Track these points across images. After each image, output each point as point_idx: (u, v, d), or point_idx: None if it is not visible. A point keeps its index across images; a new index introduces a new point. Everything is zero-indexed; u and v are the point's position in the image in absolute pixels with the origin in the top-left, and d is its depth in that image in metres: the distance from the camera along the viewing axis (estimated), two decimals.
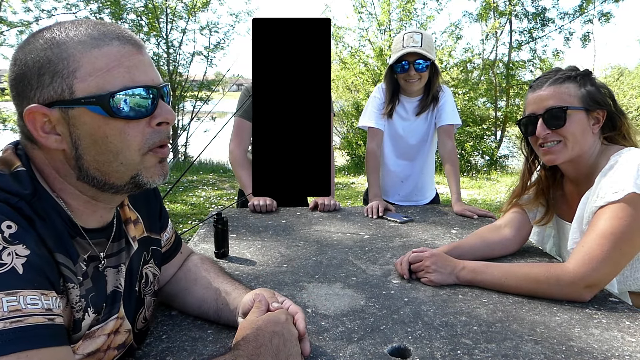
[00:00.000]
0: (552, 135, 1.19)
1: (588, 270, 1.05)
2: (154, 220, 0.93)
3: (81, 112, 0.64)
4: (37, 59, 0.63)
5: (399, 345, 0.90)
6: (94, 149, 0.66)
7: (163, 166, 0.73)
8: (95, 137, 0.65)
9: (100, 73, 0.64)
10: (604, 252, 1.04)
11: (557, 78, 1.20)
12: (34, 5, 9.67)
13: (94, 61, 0.63)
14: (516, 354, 0.86)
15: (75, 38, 0.64)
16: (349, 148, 10.03)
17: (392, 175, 2.26)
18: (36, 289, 0.57)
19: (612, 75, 14.34)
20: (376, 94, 2.21)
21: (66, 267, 0.64)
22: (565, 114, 1.17)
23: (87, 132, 0.65)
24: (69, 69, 0.63)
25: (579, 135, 1.18)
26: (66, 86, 0.63)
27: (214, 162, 9.46)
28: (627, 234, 1.04)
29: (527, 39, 10.75)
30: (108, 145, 0.66)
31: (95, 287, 0.71)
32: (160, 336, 0.93)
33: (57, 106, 0.63)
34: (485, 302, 1.09)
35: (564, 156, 1.20)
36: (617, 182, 1.07)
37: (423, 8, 10.67)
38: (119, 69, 0.65)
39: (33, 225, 0.61)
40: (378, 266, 1.34)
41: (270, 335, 0.74)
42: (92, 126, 0.65)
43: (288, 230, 1.71)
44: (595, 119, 1.20)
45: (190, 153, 10.14)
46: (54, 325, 0.58)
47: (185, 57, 10.48)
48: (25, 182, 0.64)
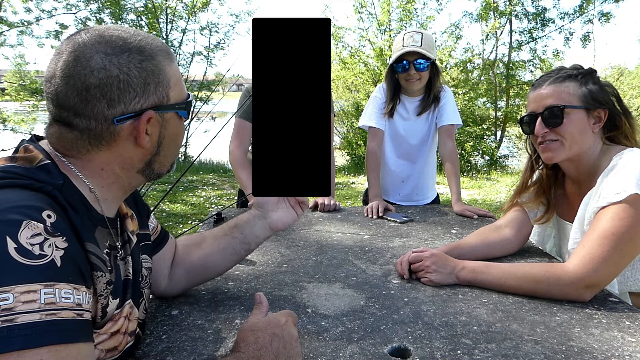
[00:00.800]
0: (550, 133, 1.20)
1: (588, 271, 1.05)
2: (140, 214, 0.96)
3: (172, 116, 0.77)
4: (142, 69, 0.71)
5: (399, 345, 0.90)
6: (168, 145, 0.79)
7: None
8: (173, 136, 0.79)
9: (178, 83, 0.77)
10: (605, 252, 1.04)
11: (558, 77, 1.21)
12: (35, 5, 9.68)
13: (174, 73, 0.77)
14: (516, 354, 0.86)
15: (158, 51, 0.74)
16: (349, 148, 10.03)
17: (392, 175, 2.26)
18: (70, 282, 0.59)
19: (612, 75, 14.32)
20: (377, 93, 2.21)
21: (95, 255, 0.68)
22: (562, 112, 1.17)
23: (171, 132, 0.78)
24: (165, 80, 0.74)
25: (577, 135, 1.18)
26: (165, 94, 0.75)
27: (214, 162, 9.46)
28: (628, 234, 1.04)
29: (527, 39, 10.75)
30: (177, 142, 0.81)
31: (116, 275, 0.75)
32: (160, 336, 0.93)
33: (158, 111, 0.74)
34: (485, 302, 1.09)
35: (561, 155, 1.21)
36: (620, 183, 1.07)
37: (423, 8, 10.68)
38: (182, 80, 0.79)
39: (67, 214, 0.65)
40: (378, 266, 1.34)
41: (270, 337, 0.74)
42: (175, 127, 0.79)
43: (288, 230, 1.71)
44: (596, 118, 1.19)
45: (190, 153, 10.15)
46: (82, 321, 0.60)
47: (186, 57, 10.49)
48: (54, 173, 0.68)
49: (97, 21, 9.64)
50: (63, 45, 0.70)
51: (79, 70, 0.67)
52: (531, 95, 1.25)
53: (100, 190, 0.75)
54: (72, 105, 0.68)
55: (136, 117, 0.72)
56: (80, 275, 0.62)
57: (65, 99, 0.68)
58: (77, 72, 0.67)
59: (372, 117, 2.17)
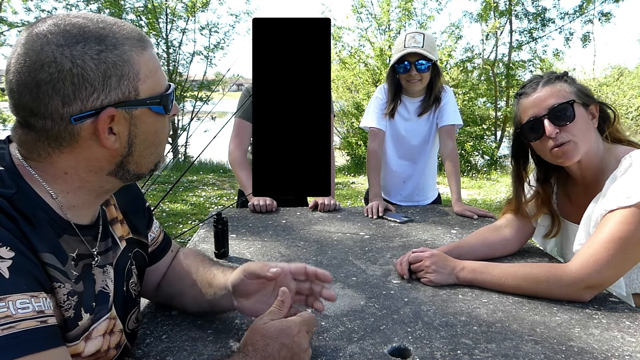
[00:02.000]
0: (562, 134, 1.15)
1: (591, 272, 1.05)
2: (138, 220, 0.92)
3: (143, 112, 0.69)
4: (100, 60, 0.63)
5: (399, 345, 0.90)
6: (143, 145, 0.71)
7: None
8: (148, 134, 0.71)
9: (152, 74, 0.69)
10: (610, 255, 1.04)
11: (547, 80, 1.19)
12: (34, 5, 9.68)
13: (147, 63, 0.68)
14: (516, 354, 0.86)
15: (124, 39, 0.66)
16: (349, 148, 10.03)
17: (394, 175, 2.26)
18: (25, 292, 0.56)
19: (612, 75, 14.33)
20: (378, 94, 2.21)
21: (53, 267, 0.63)
22: (573, 107, 1.14)
23: (144, 130, 0.70)
24: (133, 72, 0.66)
25: (586, 131, 1.16)
26: (132, 88, 0.66)
27: (214, 162, 9.46)
28: (635, 239, 1.03)
29: (527, 39, 10.76)
30: (155, 140, 0.72)
31: (85, 285, 0.69)
32: (160, 336, 0.93)
33: (124, 107, 0.66)
34: (485, 302, 1.09)
35: (578, 154, 1.16)
36: (630, 187, 1.06)
37: (423, 8, 10.68)
38: (160, 70, 0.71)
39: (17, 224, 0.60)
40: (378, 266, 1.34)
41: (280, 347, 0.73)
42: (149, 124, 0.70)
43: (288, 230, 1.71)
44: (592, 114, 1.19)
45: (190, 153, 10.14)
46: (47, 327, 0.57)
47: (185, 57, 10.49)
48: (6, 181, 0.62)
49: None
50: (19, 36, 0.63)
51: (28, 64, 0.60)
52: (526, 102, 1.21)
53: (65, 197, 0.68)
54: (26, 103, 0.62)
55: (96, 115, 0.64)
56: (37, 282, 0.58)
57: (19, 97, 0.62)
58: (27, 66, 0.60)
59: (373, 117, 2.18)
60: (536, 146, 1.23)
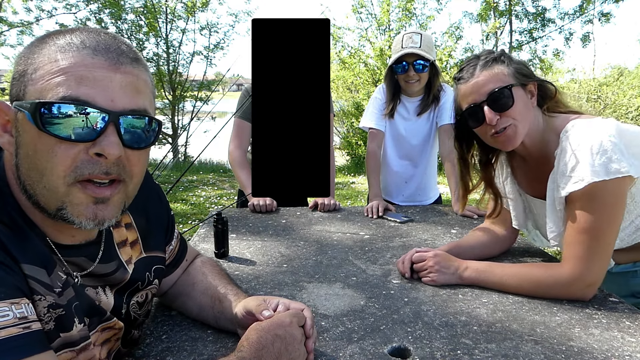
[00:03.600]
0: (502, 119, 1.13)
1: (583, 271, 1.05)
2: (159, 234, 0.89)
3: (23, 118, 0.58)
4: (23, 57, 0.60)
5: (399, 345, 0.90)
6: (26, 161, 0.60)
7: (97, 209, 0.62)
8: (27, 149, 0.59)
9: (49, 77, 0.57)
10: (589, 248, 1.04)
11: (484, 63, 1.16)
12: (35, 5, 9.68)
13: (51, 65, 0.57)
14: (516, 354, 0.86)
15: (58, 41, 0.59)
16: (349, 148, 10.03)
17: (395, 176, 2.26)
18: (4, 300, 0.54)
19: (612, 75, 14.32)
20: (377, 94, 2.21)
21: (34, 279, 0.60)
22: (512, 92, 1.12)
23: (25, 141, 0.59)
24: (31, 69, 0.58)
25: (525, 112, 1.15)
26: (22, 86, 0.59)
27: (214, 162, 9.46)
28: (602, 223, 1.03)
29: (527, 39, 10.77)
30: (35, 162, 0.59)
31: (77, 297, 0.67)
32: (160, 336, 0.93)
33: (15, 105, 0.59)
34: (485, 302, 1.09)
35: (519, 138, 1.15)
36: (575, 171, 1.05)
37: (423, 8, 10.68)
38: (68, 78, 0.57)
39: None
40: (378, 266, 1.34)
41: (273, 338, 0.73)
42: (28, 136, 0.59)
43: (288, 230, 1.71)
44: (530, 92, 1.17)
45: (190, 153, 10.15)
46: (31, 333, 0.55)
47: (185, 57, 10.50)
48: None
49: (97, 21, 9.64)
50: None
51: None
52: (464, 88, 1.18)
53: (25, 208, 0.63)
54: None
55: None
56: (17, 289, 0.57)
57: None
58: None
59: (372, 118, 2.18)
60: (478, 132, 1.22)
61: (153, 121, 0.64)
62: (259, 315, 0.80)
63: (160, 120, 0.67)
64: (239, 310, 0.86)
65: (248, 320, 0.82)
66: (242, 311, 0.84)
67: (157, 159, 9.05)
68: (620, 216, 1.05)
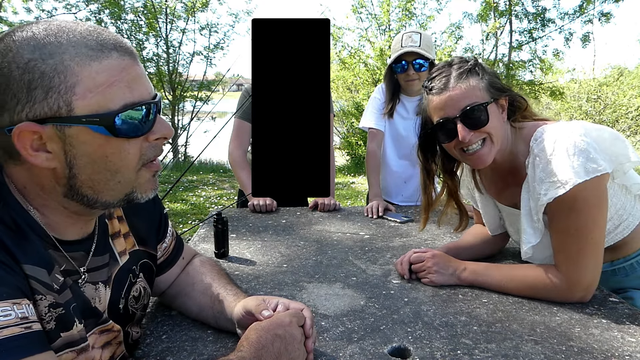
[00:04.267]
0: (475, 135, 1.09)
1: (577, 276, 1.05)
2: (151, 231, 0.91)
3: (80, 131, 0.60)
4: (25, 70, 0.57)
5: (399, 345, 0.90)
6: (90, 168, 0.63)
7: (155, 180, 0.71)
8: (94, 157, 0.62)
9: (101, 89, 0.60)
10: (580, 251, 1.04)
11: (459, 75, 1.10)
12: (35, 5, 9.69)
13: (94, 76, 0.59)
14: (516, 354, 0.86)
15: (70, 48, 0.58)
16: (349, 148, 10.03)
17: (394, 175, 2.26)
18: (6, 299, 0.55)
19: (612, 75, 14.33)
20: (376, 94, 2.22)
21: (35, 279, 0.61)
22: (487, 110, 1.08)
23: (85, 152, 0.61)
24: (67, 84, 0.58)
25: (499, 128, 1.11)
26: (63, 103, 0.58)
27: (214, 162, 9.47)
28: (588, 224, 1.03)
29: (527, 39, 10.76)
30: (107, 165, 0.63)
31: (74, 298, 0.68)
32: (160, 336, 0.93)
33: (52, 123, 0.59)
34: (485, 302, 1.09)
35: (491, 156, 1.12)
36: (556, 175, 1.02)
37: (423, 8, 10.68)
38: (120, 85, 0.61)
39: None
40: (378, 266, 1.34)
41: (273, 338, 0.73)
42: (92, 145, 0.61)
43: (288, 230, 1.71)
44: (502, 106, 1.13)
45: (190, 153, 10.15)
46: (32, 333, 0.56)
47: (185, 57, 10.50)
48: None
49: (97, 21, 9.64)
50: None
51: None
52: (436, 100, 1.11)
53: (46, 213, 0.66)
54: None
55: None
56: (19, 289, 0.58)
57: None
58: None
59: (371, 118, 2.18)
60: (447, 147, 1.17)
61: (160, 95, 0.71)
62: (258, 315, 0.80)
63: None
64: (238, 310, 0.86)
65: (247, 320, 0.82)
66: (242, 311, 0.84)
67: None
68: (604, 214, 1.04)
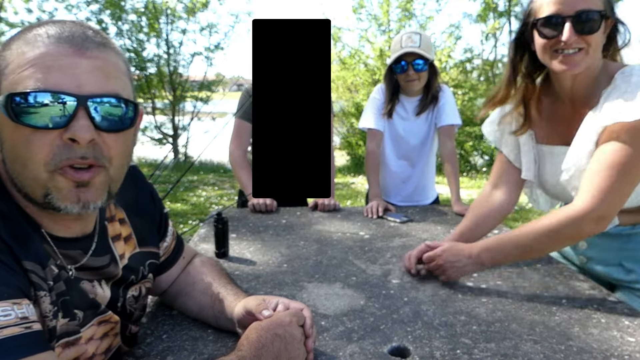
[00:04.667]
0: (577, 41, 1.03)
1: (599, 202, 1.02)
2: (153, 230, 0.91)
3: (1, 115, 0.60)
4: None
5: (398, 345, 0.90)
6: (9, 154, 0.62)
7: (80, 192, 0.63)
8: (8, 144, 0.61)
9: (19, 71, 0.59)
10: (613, 183, 1.01)
11: None
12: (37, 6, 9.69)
13: (20, 58, 0.59)
14: (515, 354, 0.86)
15: (25, 36, 0.61)
16: (349, 148, 10.03)
17: (393, 176, 2.27)
18: (6, 299, 0.55)
19: None
20: (375, 94, 2.22)
21: (35, 274, 0.61)
22: (601, 19, 1.02)
23: (5, 136, 0.61)
24: (3, 64, 0.60)
25: (599, 45, 1.06)
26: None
27: (214, 162, 9.46)
28: (633, 162, 1.00)
29: None
30: (17, 154, 0.61)
31: (68, 291, 0.68)
32: (160, 336, 0.93)
33: None
34: (484, 302, 1.09)
35: (583, 66, 1.05)
36: (629, 102, 0.99)
37: (423, 8, 10.67)
38: (36, 69, 0.58)
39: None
40: (378, 266, 1.34)
41: (272, 337, 0.74)
42: (7, 129, 0.60)
43: (288, 230, 1.72)
44: (608, 27, 1.08)
45: (190, 153, 10.15)
46: (32, 333, 0.56)
47: (186, 57, 10.49)
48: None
49: (98, 22, 9.64)
50: None
51: None
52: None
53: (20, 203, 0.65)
54: None
55: None
56: (19, 289, 0.58)
57: None
58: None
59: (370, 118, 2.18)
60: (542, 44, 1.10)
61: (128, 104, 0.65)
62: (258, 315, 0.80)
63: (136, 103, 0.67)
64: (238, 310, 0.86)
65: (248, 319, 0.83)
66: (242, 311, 0.85)
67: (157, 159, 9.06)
68: None
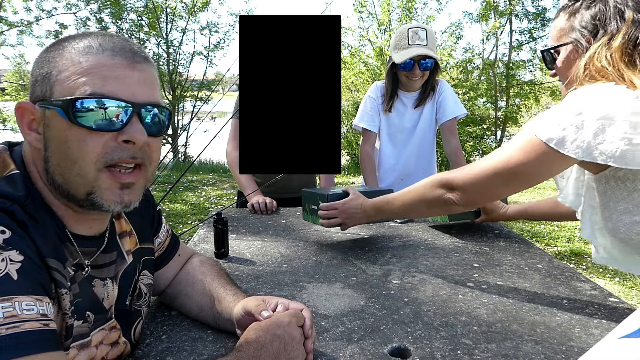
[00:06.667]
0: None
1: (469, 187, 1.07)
2: (147, 227, 0.93)
3: (53, 114, 0.65)
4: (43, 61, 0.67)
5: (399, 345, 0.90)
6: (58, 152, 0.66)
7: (123, 194, 0.69)
8: (58, 142, 0.66)
9: (75, 78, 0.65)
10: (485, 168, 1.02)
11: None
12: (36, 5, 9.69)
13: (76, 66, 0.65)
14: (516, 354, 0.86)
15: (77, 45, 0.67)
16: (348, 148, 10.03)
17: (392, 174, 2.26)
18: (31, 294, 0.57)
19: None
20: (371, 93, 2.18)
21: (58, 271, 0.64)
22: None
23: (54, 135, 0.66)
24: (55, 71, 0.66)
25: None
26: (49, 87, 0.66)
27: (214, 162, 9.47)
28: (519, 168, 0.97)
29: (527, 39, 10.75)
30: (67, 152, 0.66)
31: (81, 293, 0.71)
32: (160, 336, 0.93)
33: (40, 105, 0.67)
34: (485, 302, 1.09)
35: None
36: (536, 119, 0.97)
37: (423, 8, 10.68)
38: (94, 77, 0.65)
39: (26, 229, 0.62)
40: (378, 266, 1.34)
41: (272, 338, 0.73)
42: (58, 129, 0.66)
43: (288, 230, 1.71)
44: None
45: (190, 153, 10.15)
46: (49, 330, 0.58)
47: (185, 57, 10.51)
48: (18, 185, 0.65)
49: (97, 21, 9.64)
50: None
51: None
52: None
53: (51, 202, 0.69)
54: None
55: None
56: (42, 287, 0.60)
57: None
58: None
59: (364, 117, 2.16)
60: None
61: (166, 111, 0.73)
62: (257, 316, 0.80)
63: (170, 110, 0.75)
64: (238, 310, 0.86)
65: (247, 320, 0.82)
66: (241, 311, 0.84)
67: None
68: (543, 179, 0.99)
